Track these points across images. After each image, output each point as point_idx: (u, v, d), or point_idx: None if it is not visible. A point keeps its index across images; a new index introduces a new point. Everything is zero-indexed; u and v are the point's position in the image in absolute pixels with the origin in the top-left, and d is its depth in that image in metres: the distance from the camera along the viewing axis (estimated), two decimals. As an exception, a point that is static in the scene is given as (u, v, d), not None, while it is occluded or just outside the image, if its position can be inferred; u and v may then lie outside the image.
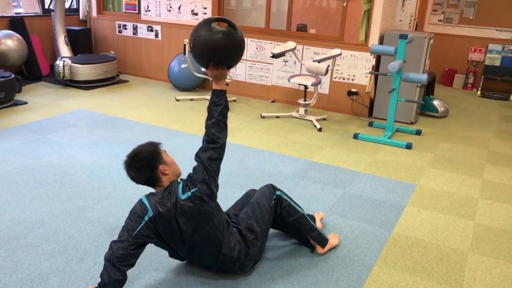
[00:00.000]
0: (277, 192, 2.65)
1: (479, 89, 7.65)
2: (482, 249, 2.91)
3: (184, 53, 5.98)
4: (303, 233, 2.70)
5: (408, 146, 4.72)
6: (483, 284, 2.56)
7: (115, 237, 2.22)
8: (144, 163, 2.25)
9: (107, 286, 2.12)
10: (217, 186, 2.28)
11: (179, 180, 2.33)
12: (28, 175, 3.57)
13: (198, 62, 2.24)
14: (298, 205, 2.72)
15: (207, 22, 2.16)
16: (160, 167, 2.27)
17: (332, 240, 2.81)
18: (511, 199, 3.67)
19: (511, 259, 2.82)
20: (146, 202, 2.23)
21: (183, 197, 2.21)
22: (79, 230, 2.86)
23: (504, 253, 2.89)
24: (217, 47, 2.14)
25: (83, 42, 7.25)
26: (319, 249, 2.74)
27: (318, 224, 2.96)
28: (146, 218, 2.19)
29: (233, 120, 5.31)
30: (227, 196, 3.38)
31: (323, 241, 2.74)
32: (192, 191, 2.21)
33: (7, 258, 2.53)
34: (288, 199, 2.68)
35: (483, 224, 3.24)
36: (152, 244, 2.32)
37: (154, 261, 2.59)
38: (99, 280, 2.17)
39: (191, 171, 2.28)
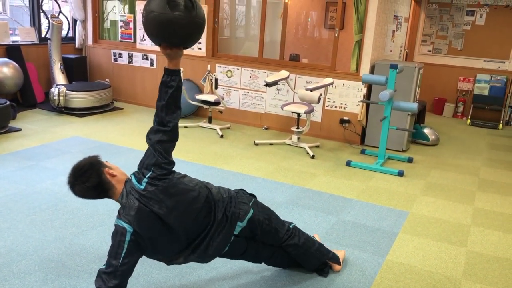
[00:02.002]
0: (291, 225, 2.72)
1: (469, 117, 7.78)
2: (475, 276, 2.93)
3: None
4: (322, 259, 2.77)
5: (400, 174, 4.77)
6: (476, 311, 2.57)
7: None
8: (86, 171, 2.13)
9: None
10: (171, 163, 2.18)
11: (129, 176, 2.25)
12: (22, 202, 3.56)
13: (150, 40, 2.07)
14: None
15: None
16: (105, 170, 2.18)
17: (341, 253, 2.95)
18: (502, 226, 3.71)
19: (504, 286, 2.84)
20: (119, 222, 2.14)
21: (142, 186, 2.14)
22: (72, 257, 2.85)
23: (496, 280, 2.91)
24: (170, 28, 1.94)
25: (79, 70, 7.33)
26: (337, 267, 2.86)
27: None
28: (128, 237, 2.11)
29: (226, 147, 5.36)
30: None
31: (338, 258, 2.86)
32: (147, 176, 2.13)
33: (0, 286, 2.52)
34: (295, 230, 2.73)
35: (475, 251, 3.26)
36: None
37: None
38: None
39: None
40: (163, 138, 2.13)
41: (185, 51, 2.23)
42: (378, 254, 3.12)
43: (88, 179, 2.13)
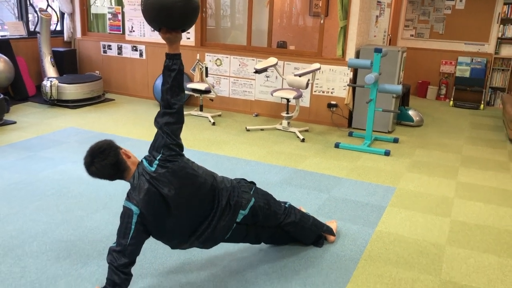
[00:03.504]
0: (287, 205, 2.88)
1: (451, 99, 8.04)
2: (458, 242, 3.16)
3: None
4: (317, 232, 2.96)
5: (387, 153, 4.99)
6: (459, 272, 2.79)
7: None
8: (105, 150, 2.24)
9: (117, 285, 2.24)
10: (179, 145, 2.29)
11: (141, 160, 2.36)
12: (26, 190, 3.70)
13: (150, 25, 2.19)
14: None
15: None
16: (122, 151, 2.30)
17: (333, 225, 3.13)
18: (483, 198, 3.94)
19: (484, 250, 3.07)
20: (128, 204, 2.25)
21: (153, 168, 2.24)
22: (80, 237, 3.00)
23: (477, 244, 3.13)
24: (169, 12, 2.05)
25: (68, 63, 7.40)
26: (331, 238, 3.05)
27: None
28: (135, 218, 2.22)
29: (219, 134, 5.52)
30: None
31: (331, 230, 3.04)
32: (158, 158, 2.24)
33: (14, 264, 2.66)
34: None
35: (458, 220, 3.49)
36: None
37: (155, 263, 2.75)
38: (104, 281, 2.32)
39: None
40: (170, 120, 2.24)
41: None
42: (368, 226, 3.33)
43: (106, 157, 2.23)
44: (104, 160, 2.23)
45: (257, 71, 5.57)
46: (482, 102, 7.88)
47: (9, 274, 2.57)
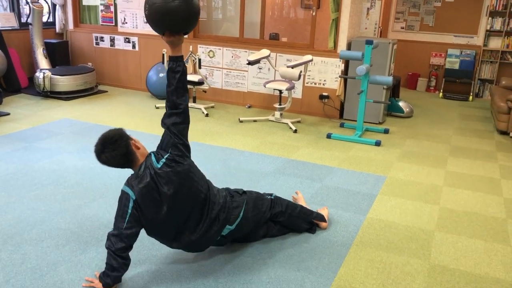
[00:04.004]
0: (273, 196, 2.94)
1: (441, 91, 8.15)
2: (446, 228, 3.26)
3: (163, 62, 6.21)
4: (307, 219, 3.03)
5: (378, 143, 5.09)
6: (448, 256, 2.89)
7: None
8: (117, 140, 2.32)
9: (115, 270, 2.33)
10: (186, 146, 2.38)
11: (150, 153, 2.45)
12: (23, 179, 3.74)
13: (154, 30, 2.26)
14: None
15: None
16: (132, 142, 2.38)
17: (325, 211, 3.22)
18: (471, 186, 4.06)
19: (471, 235, 3.17)
20: (126, 188, 2.35)
21: (159, 165, 2.33)
22: (78, 225, 3.06)
23: (465, 230, 3.24)
24: (173, 15, 2.14)
25: (61, 55, 7.40)
26: (324, 224, 3.13)
27: (302, 202, 3.32)
28: (131, 203, 2.31)
29: (213, 125, 5.58)
30: (214, 192, 3.65)
31: (322, 217, 3.12)
32: (165, 156, 2.34)
33: (14, 251, 2.72)
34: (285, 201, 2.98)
35: (446, 208, 3.60)
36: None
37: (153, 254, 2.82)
38: (103, 267, 2.38)
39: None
40: (176, 120, 2.34)
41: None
42: (359, 213, 3.42)
43: (117, 147, 2.32)
44: (114, 151, 2.32)
45: (250, 63, 5.62)
46: (471, 93, 8.01)
47: (9, 261, 2.62)
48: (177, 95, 2.32)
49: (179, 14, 2.16)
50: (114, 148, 2.32)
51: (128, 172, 2.53)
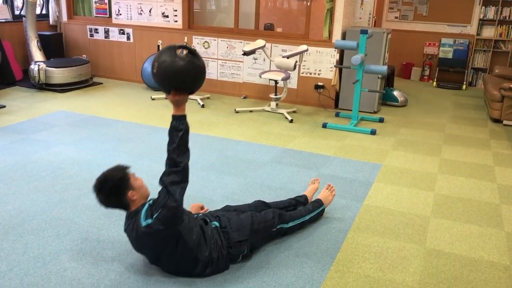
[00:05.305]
0: (279, 226, 2.81)
1: (435, 80, 8.21)
2: (441, 214, 3.32)
3: (158, 54, 6.21)
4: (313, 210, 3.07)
5: (373, 132, 5.13)
6: (443, 241, 2.95)
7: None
8: (113, 191, 2.32)
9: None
10: (179, 209, 2.27)
11: (146, 202, 2.39)
12: (21, 171, 3.75)
13: (160, 88, 2.25)
14: (298, 218, 2.95)
15: (171, 49, 2.17)
16: (129, 194, 2.33)
17: (327, 199, 3.18)
18: (465, 173, 4.12)
19: (466, 221, 3.23)
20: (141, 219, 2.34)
21: (144, 224, 2.27)
22: (79, 215, 3.09)
23: (460, 216, 3.30)
24: (181, 74, 2.15)
25: (55, 47, 7.37)
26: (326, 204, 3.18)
27: (312, 191, 3.29)
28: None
29: (209, 116, 5.60)
30: (211, 181, 3.69)
31: (321, 211, 3.12)
32: (154, 216, 2.25)
33: (16, 241, 2.74)
34: (290, 224, 2.89)
35: (441, 194, 3.65)
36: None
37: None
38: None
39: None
40: (175, 179, 2.25)
41: (163, 24, 2.41)
42: (356, 200, 3.47)
43: (110, 197, 2.35)
44: (106, 200, 2.36)
45: (246, 53, 5.64)
46: (465, 82, 8.07)
47: (12, 250, 2.65)
48: (178, 153, 2.26)
49: (187, 73, 2.17)
50: (108, 198, 2.35)
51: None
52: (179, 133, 2.27)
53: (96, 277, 2.43)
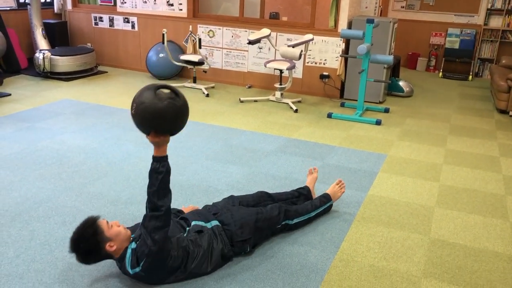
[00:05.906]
0: (284, 222, 2.79)
1: (441, 70, 8.16)
2: (446, 204, 3.31)
3: (163, 42, 6.19)
4: (320, 206, 3.03)
5: (378, 122, 5.12)
6: (448, 231, 2.95)
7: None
8: (89, 249, 2.20)
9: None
10: (164, 251, 2.22)
11: (129, 245, 2.28)
12: (27, 159, 3.77)
13: (139, 129, 2.12)
14: (304, 215, 2.92)
15: (151, 89, 2.06)
16: (107, 247, 2.21)
17: (335, 194, 3.12)
18: (471, 163, 4.10)
19: (470, 211, 3.23)
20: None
21: (132, 272, 2.24)
22: (84, 203, 3.10)
23: (464, 206, 3.30)
24: (159, 116, 2.02)
25: (60, 35, 7.36)
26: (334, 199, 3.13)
27: (312, 181, 3.25)
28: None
29: (213, 105, 5.60)
30: (216, 170, 3.69)
31: (329, 207, 3.07)
32: (140, 264, 2.20)
33: (23, 228, 2.76)
34: (296, 221, 2.86)
35: (446, 185, 3.65)
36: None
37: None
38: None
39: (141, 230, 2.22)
40: (157, 224, 2.17)
41: (167, 13, 2.33)
42: (360, 190, 3.47)
43: (88, 256, 2.22)
44: (86, 259, 2.25)
45: (251, 42, 5.61)
46: (471, 73, 8.02)
47: (19, 237, 2.67)
48: (159, 196, 2.16)
49: (168, 115, 2.04)
50: (86, 257, 2.24)
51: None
52: (159, 176, 2.14)
53: (101, 263, 2.45)
